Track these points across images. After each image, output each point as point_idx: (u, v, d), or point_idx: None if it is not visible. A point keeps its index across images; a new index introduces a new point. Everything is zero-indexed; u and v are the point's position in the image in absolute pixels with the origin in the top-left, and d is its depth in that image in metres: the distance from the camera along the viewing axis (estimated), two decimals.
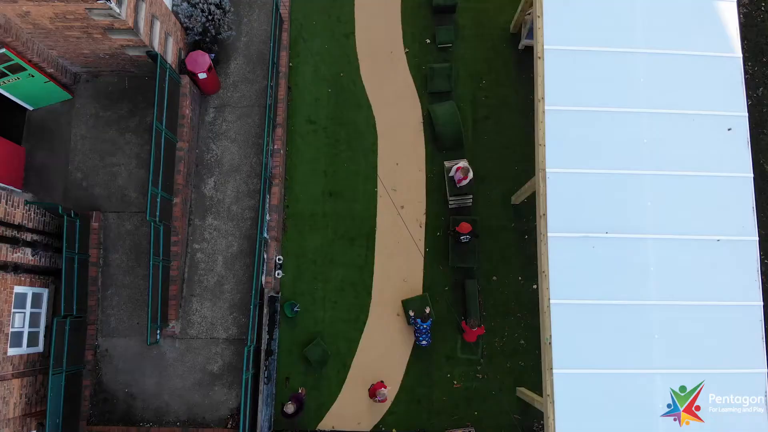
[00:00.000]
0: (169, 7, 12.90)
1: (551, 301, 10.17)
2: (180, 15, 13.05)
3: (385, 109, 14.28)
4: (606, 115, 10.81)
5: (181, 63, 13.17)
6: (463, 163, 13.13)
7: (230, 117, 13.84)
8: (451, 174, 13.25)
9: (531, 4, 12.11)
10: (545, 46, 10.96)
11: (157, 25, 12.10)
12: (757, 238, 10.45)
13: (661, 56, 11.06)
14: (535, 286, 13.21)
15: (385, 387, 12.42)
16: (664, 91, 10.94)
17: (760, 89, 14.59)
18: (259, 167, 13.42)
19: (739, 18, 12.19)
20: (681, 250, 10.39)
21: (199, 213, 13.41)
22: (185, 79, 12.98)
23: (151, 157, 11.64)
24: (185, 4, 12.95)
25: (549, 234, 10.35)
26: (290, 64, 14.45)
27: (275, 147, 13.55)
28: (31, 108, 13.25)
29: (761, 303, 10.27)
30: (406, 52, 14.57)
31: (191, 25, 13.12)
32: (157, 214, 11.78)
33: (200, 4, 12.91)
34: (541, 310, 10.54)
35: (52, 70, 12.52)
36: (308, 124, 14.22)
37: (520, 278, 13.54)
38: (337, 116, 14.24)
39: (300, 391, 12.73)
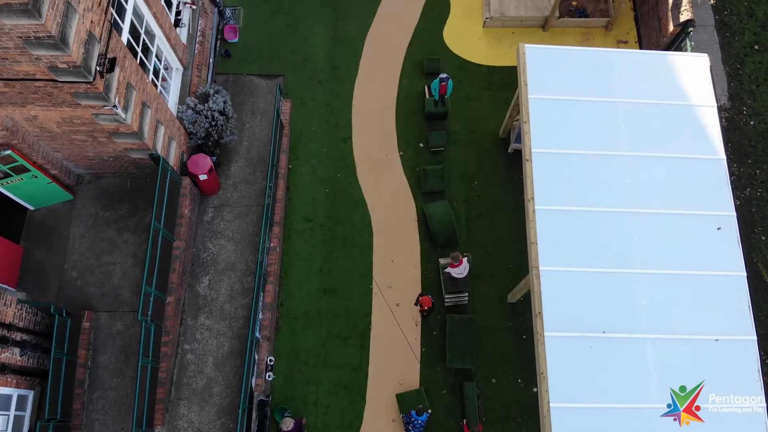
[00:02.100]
0: (174, 113, 13.49)
1: (551, 405, 9.81)
2: (184, 121, 13.61)
3: (380, 208, 14.57)
4: (595, 215, 10.99)
5: (183, 165, 13.59)
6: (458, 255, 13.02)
7: (228, 216, 14.07)
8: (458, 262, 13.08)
9: (518, 111, 12.68)
10: (533, 150, 11.37)
11: (162, 129, 12.60)
12: (755, 337, 10.29)
13: (647, 158, 11.44)
14: (535, 389, 12.78)
15: None
16: (651, 192, 11.19)
17: (747, 189, 14.92)
18: (255, 265, 13.45)
19: (722, 122, 12.74)
20: (679, 350, 10.19)
21: (191, 312, 13.27)
22: (186, 181, 13.33)
23: (147, 255, 11.71)
24: (190, 111, 13.55)
25: (546, 334, 10.17)
26: (289, 166, 14.92)
27: (271, 245, 13.66)
28: (32, 208, 13.50)
29: (764, 405, 9.93)
30: (401, 155, 15.09)
31: (195, 131, 13.64)
32: (149, 313, 11.66)
33: (204, 111, 13.52)
34: (541, 415, 10.13)
35: (56, 171, 12.87)
36: (305, 222, 14.44)
37: (519, 381, 13.14)
38: (333, 215, 14.50)
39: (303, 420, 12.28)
